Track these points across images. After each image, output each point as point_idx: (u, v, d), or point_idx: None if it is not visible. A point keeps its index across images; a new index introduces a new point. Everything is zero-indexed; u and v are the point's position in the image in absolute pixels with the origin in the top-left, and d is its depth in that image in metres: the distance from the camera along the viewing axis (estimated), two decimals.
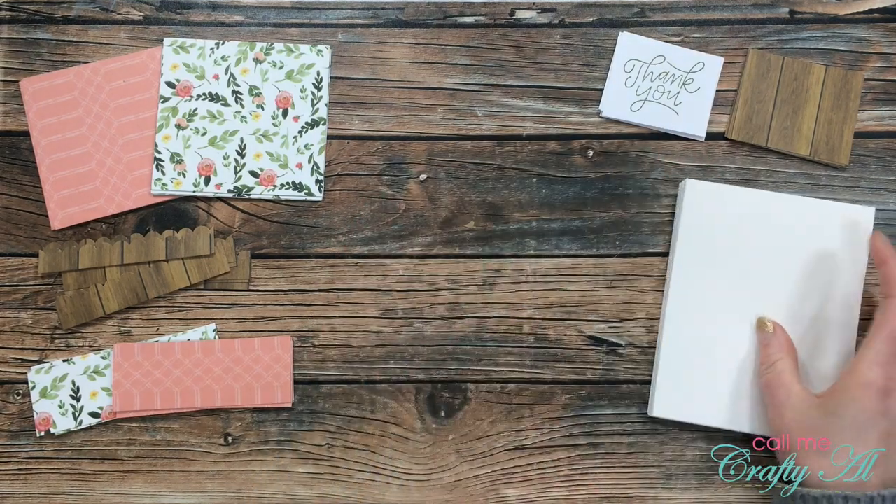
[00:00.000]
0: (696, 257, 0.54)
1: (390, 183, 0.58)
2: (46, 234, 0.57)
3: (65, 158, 0.57)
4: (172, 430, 0.56)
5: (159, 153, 0.57)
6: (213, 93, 0.58)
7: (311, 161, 0.57)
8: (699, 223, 0.54)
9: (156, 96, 0.58)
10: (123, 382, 0.55)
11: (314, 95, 0.58)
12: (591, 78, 0.59)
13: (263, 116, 0.57)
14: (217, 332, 0.56)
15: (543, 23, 0.59)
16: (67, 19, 0.59)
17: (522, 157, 0.58)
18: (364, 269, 0.57)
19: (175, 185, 0.56)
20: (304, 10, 0.60)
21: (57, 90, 0.58)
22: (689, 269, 0.54)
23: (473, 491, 0.55)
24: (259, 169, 0.57)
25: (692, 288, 0.54)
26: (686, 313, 0.53)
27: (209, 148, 0.57)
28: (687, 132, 0.57)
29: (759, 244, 0.54)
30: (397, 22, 0.59)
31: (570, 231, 0.57)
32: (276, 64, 0.58)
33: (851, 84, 0.57)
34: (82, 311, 0.56)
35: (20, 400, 0.56)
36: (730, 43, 0.59)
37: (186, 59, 0.58)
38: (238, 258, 0.57)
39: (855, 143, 0.57)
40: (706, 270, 0.54)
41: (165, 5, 0.60)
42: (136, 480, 0.55)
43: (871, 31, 0.58)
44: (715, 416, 0.53)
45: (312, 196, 0.57)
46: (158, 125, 0.57)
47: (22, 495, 0.55)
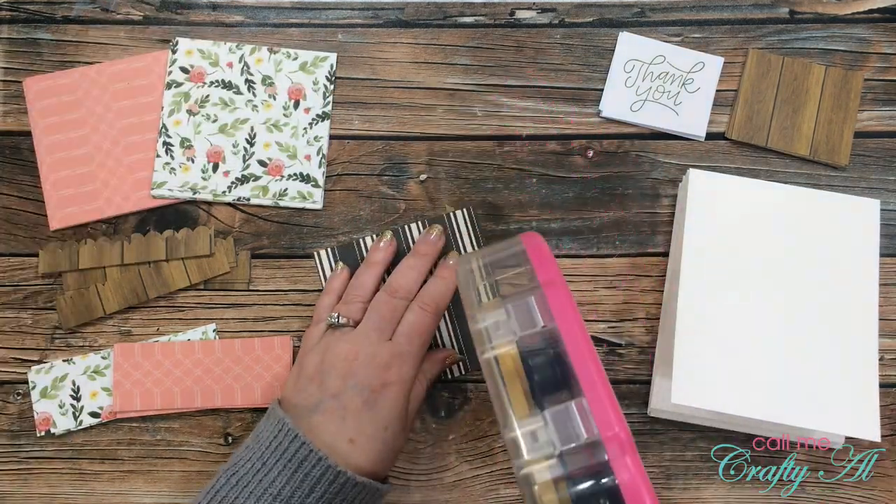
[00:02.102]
0: (704, 247, 0.53)
1: (390, 183, 0.58)
2: (46, 234, 0.57)
3: (65, 158, 0.57)
4: (172, 430, 0.56)
5: (169, 137, 0.57)
6: (226, 80, 0.58)
7: (320, 153, 0.57)
8: (705, 213, 0.54)
9: (159, 100, 0.58)
10: (123, 382, 0.55)
11: (326, 88, 0.58)
12: (591, 78, 0.59)
13: (275, 106, 0.58)
14: (217, 332, 0.56)
15: (543, 23, 0.59)
16: (67, 19, 0.59)
17: (522, 157, 0.58)
18: None
19: (183, 171, 0.57)
20: (304, 10, 0.60)
21: (60, 90, 0.58)
22: (698, 259, 0.53)
23: (473, 491, 0.55)
24: (267, 158, 0.57)
25: (703, 277, 0.53)
26: (698, 302, 0.53)
27: (219, 135, 0.57)
28: (687, 132, 0.57)
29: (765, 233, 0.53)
30: (397, 22, 0.59)
31: (570, 231, 0.57)
32: (291, 55, 0.58)
33: (851, 84, 0.57)
34: (82, 311, 0.56)
35: (20, 400, 0.56)
36: (730, 43, 0.59)
37: (202, 45, 0.58)
38: (238, 258, 0.57)
39: (855, 143, 0.57)
40: (715, 260, 0.53)
41: (165, 5, 0.60)
42: (136, 480, 0.55)
43: (871, 31, 0.58)
44: (735, 403, 0.52)
45: (314, 203, 0.57)
46: (169, 109, 0.57)
47: (22, 495, 0.55)
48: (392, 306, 0.50)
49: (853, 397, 0.51)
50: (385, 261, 0.54)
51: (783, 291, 0.53)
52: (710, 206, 0.54)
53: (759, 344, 0.52)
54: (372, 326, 0.49)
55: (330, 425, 0.46)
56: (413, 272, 0.52)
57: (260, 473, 0.45)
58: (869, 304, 0.52)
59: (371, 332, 0.49)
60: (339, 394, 0.47)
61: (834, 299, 0.53)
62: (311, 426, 0.46)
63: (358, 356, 0.48)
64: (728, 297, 0.53)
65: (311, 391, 0.48)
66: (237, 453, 0.47)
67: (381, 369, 0.48)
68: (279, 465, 0.45)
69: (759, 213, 0.54)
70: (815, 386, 0.51)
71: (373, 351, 0.48)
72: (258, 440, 0.47)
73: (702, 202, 0.54)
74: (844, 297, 0.53)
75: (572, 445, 0.36)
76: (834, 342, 0.52)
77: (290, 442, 0.45)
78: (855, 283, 0.53)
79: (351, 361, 0.48)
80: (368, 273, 0.53)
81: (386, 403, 0.47)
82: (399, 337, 0.49)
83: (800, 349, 0.52)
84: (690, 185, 0.54)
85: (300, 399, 0.48)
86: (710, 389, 0.52)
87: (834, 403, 0.51)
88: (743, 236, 0.53)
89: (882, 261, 0.55)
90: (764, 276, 0.53)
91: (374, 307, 0.50)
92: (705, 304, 0.53)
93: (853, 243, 0.53)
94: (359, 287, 0.52)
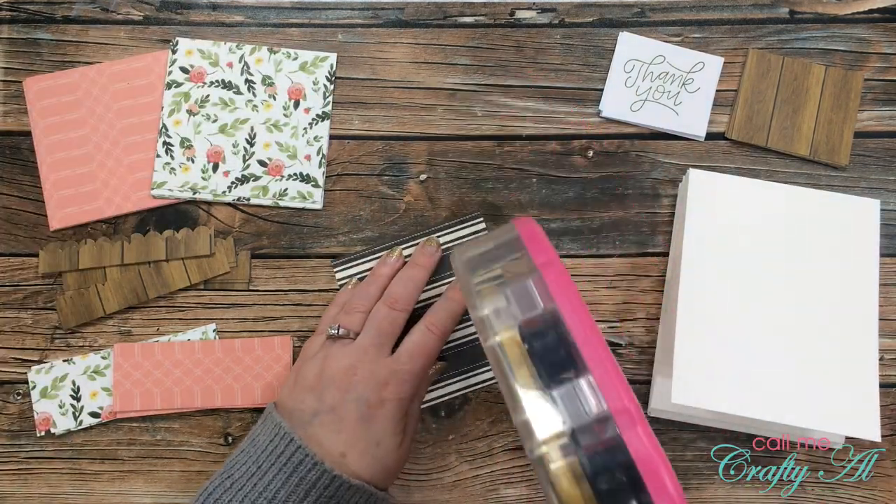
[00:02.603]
0: (704, 247, 0.53)
1: (390, 183, 0.58)
2: (46, 234, 0.57)
3: (66, 158, 0.57)
4: (172, 430, 0.56)
5: (169, 137, 0.57)
6: (226, 80, 0.58)
7: (320, 153, 0.57)
8: (705, 213, 0.54)
9: (159, 100, 0.58)
10: (123, 382, 0.55)
11: (326, 88, 0.58)
12: (591, 78, 0.59)
13: (275, 106, 0.58)
14: (217, 332, 0.56)
15: (543, 23, 0.59)
16: (67, 19, 0.59)
17: (522, 157, 0.58)
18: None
19: (183, 171, 0.57)
20: (304, 10, 0.60)
21: (61, 90, 0.58)
22: (698, 259, 0.53)
23: (473, 491, 0.55)
24: (267, 158, 0.57)
25: (703, 277, 0.53)
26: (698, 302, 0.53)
27: (219, 135, 0.57)
28: (687, 132, 0.57)
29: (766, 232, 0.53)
30: (397, 22, 0.59)
31: (570, 231, 0.57)
32: (291, 55, 0.58)
33: (851, 84, 0.57)
34: (82, 311, 0.56)
35: (20, 400, 0.56)
36: (730, 43, 0.59)
37: (202, 45, 0.58)
38: (238, 258, 0.57)
39: (855, 143, 0.57)
40: (715, 260, 0.53)
41: (165, 5, 0.60)
42: (136, 480, 0.55)
43: (871, 31, 0.58)
44: (734, 403, 0.52)
45: (314, 203, 0.57)
46: (169, 109, 0.57)
47: (22, 495, 0.55)
48: (391, 319, 0.50)
49: (853, 397, 0.51)
50: (391, 275, 0.54)
51: (783, 291, 0.53)
52: (709, 206, 0.54)
53: (759, 343, 0.52)
54: (371, 341, 0.49)
55: (324, 437, 0.46)
56: (412, 283, 0.52)
57: (255, 477, 0.45)
58: (869, 303, 0.52)
59: (370, 347, 0.49)
60: (336, 407, 0.47)
61: (834, 299, 0.53)
62: (307, 436, 0.46)
63: (357, 371, 0.48)
64: (728, 297, 0.53)
65: (309, 401, 0.47)
66: (232, 456, 0.47)
67: (380, 386, 0.47)
68: (274, 468, 0.45)
69: (759, 213, 0.54)
70: (815, 385, 0.51)
71: (372, 367, 0.48)
72: (254, 443, 0.47)
73: (702, 202, 0.54)
74: (844, 297, 0.53)
75: (583, 422, 0.36)
76: (834, 341, 0.52)
77: (287, 446, 0.45)
78: (855, 283, 0.53)
79: (350, 376, 0.48)
80: (372, 285, 0.53)
81: (381, 420, 0.47)
82: (402, 355, 0.49)
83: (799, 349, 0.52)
84: (690, 185, 0.54)
85: (297, 407, 0.48)
86: (710, 389, 0.52)
87: (834, 403, 0.51)
88: (743, 236, 0.53)
89: (882, 261, 0.55)
90: (764, 275, 0.53)
91: (373, 320, 0.50)
92: (705, 304, 0.53)
93: (853, 243, 0.53)
94: (362, 297, 0.52)
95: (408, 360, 0.49)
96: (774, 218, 0.54)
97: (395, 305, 0.51)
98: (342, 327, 0.50)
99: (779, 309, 0.53)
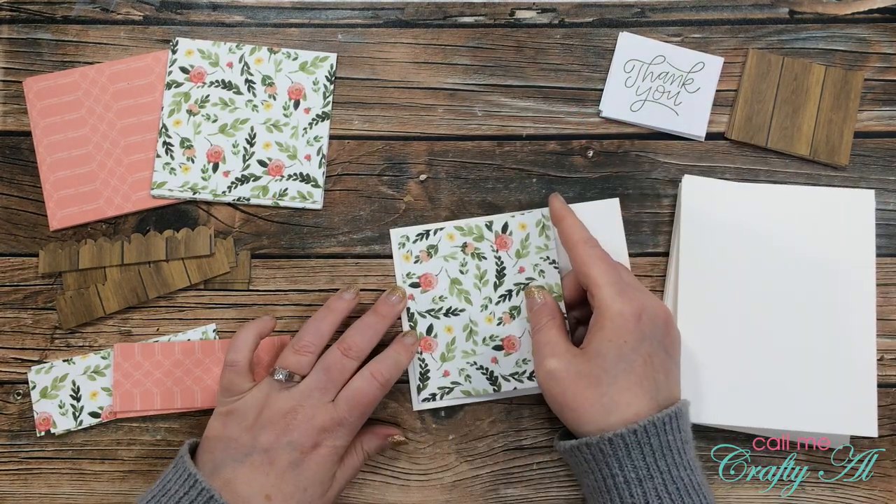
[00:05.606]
0: (700, 254, 0.54)
1: (390, 183, 0.58)
2: (46, 234, 0.57)
3: (66, 158, 0.57)
4: (172, 430, 0.56)
5: (169, 137, 0.57)
6: (226, 80, 0.58)
7: (320, 153, 0.57)
8: (700, 219, 0.54)
9: (159, 100, 0.58)
10: (123, 382, 0.55)
11: (326, 88, 0.58)
12: (591, 78, 0.59)
13: (275, 106, 0.58)
14: (217, 332, 0.56)
15: (543, 23, 0.59)
16: (67, 19, 0.59)
17: (522, 157, 0.58)
18: (364, 269, 0.57)
19: (183, 171, 0.57)
20: (304, 10, 0.60)
21: (61, 90, 0.58)
22: (694, 265, 0.54)
23: (473, 491, 0.55)
24: (267, 158, 0.57)
25: (700, 282, 0.53)
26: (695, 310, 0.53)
27: (219, 135, 0.57)
28: (687, 132, 0.57)
29: (762, 236, 0.53)
30: (397, 22, 0.59)
31: None
32: (291, 55, 0.58)
33: (851, 84, 0.57)
34: (82, 311, 0.56)
35: (20, 400, 0.56)
36: (730, 43, 0.59)
37: (202, 45, 0.58)
38: (238, 258, 0.57)
39: (855, 143, 0.57)
40: (712, 265, 0.53)
41: (165, 5, 0.60)
42: (136, 480, 0.55)
43: (871, 31, 0.58)
44: (733, 416, 0.52)
45: (314, 203, 0.57)
46: (169, 110, 0.57)
47: (22, 495, 0.55)
48: (342, 367, 0.50)
49: (850, 394, 0.51)
50: (346, 311, 0.53)
51: (781, 290, 0.53)
52: (704, 213, 0.54)
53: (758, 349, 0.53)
54: (317, 385, 0.49)
55: (252, 479, 0.46)
56: (370, 331, 0.51)
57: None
58: (866, 296, 0.52)
59: (315, 392, 0.49)
60: (269, 449, 0.47)
61: (831, 295, 0.53)
62: (233, 477, 0.46)
63: (298, 414, 0.48)
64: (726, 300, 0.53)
65: (243, 440, 0.47)
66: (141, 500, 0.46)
67: (316, 432, 0.47)
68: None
69: (755, 214, 0.54)
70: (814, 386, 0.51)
71: (312, 412, 0.48)
72: (166, 492, 0.46)
73: (696, 209, 0.54)
74: (842, 293, 0.53)
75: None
76: (831, 339, 0.52)
77: (199, 494, 0.45)
78: (853, 277, 0.53)
79: (290, 419, 0.47)
80: (324, 321, 0.52)
81: (311, 466, 0.47)
82: (341, 402, 0.49)
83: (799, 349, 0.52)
84: (684, 192, 0.54)
85: (230, 445, 0.47)
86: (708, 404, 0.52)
87: (832, 402, 0.51)
88: (739, 240, 0.54)
89: (882, 261, 0.55)
90: (761, 277, 0.53)
91: (323, 363, 0.50)
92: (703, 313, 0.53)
93: (850, 236, 0.53)
94: (312, 334, 0.51)
95: (347, 410, 0.48)
96: (770, 219, 0.54)
97: (349, 353, 0.50)
98: (289, 371, 0.49)
99: (776, 309, 0.53)
